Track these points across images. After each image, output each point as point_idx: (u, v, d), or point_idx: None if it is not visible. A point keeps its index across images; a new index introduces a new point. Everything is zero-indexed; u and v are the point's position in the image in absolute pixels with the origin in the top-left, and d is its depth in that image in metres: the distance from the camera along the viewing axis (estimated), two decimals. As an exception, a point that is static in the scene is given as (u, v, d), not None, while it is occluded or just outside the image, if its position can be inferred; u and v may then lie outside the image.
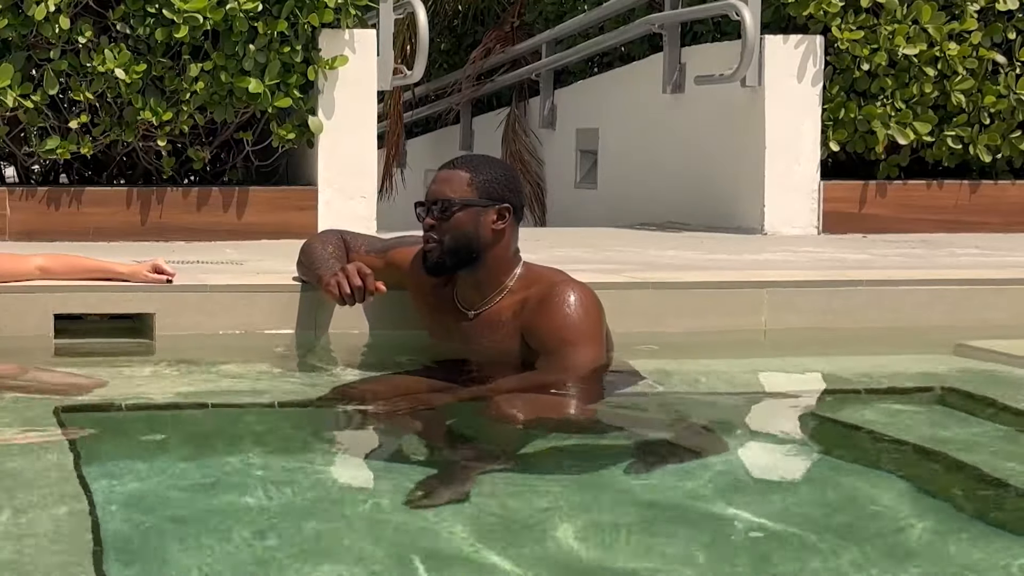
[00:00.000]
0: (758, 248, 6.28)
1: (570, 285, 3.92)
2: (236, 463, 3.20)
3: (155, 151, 6.60)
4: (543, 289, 3.92)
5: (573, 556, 2.60)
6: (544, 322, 3.87)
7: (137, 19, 6.30)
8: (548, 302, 3.88)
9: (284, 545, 2.61)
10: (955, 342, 4.60)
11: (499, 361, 3.94)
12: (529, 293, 3.94)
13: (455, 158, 4.16)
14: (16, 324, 4.40)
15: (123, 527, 2.67)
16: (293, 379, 4.20)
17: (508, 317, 3.95)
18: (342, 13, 6.46)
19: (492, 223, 3.95)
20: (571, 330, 3.84)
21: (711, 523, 2.80)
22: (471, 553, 2.59)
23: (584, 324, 3.86)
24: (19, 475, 3.00)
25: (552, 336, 3.85)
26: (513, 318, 3.93)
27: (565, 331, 3.84)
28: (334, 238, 4.41)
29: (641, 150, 8.32)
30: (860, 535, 2.73)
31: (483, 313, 4.00)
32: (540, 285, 3.94)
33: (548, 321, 3.86)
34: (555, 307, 3.86)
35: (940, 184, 7.48)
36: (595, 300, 3.93)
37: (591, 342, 3.86)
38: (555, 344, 3.84)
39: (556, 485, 3.05)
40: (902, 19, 7.17)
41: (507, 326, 3.94)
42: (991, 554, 2.61)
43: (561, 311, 3.85)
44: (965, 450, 3.38)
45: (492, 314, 3.98)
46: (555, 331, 3.85)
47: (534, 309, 3.89)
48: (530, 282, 3.97)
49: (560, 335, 3.84)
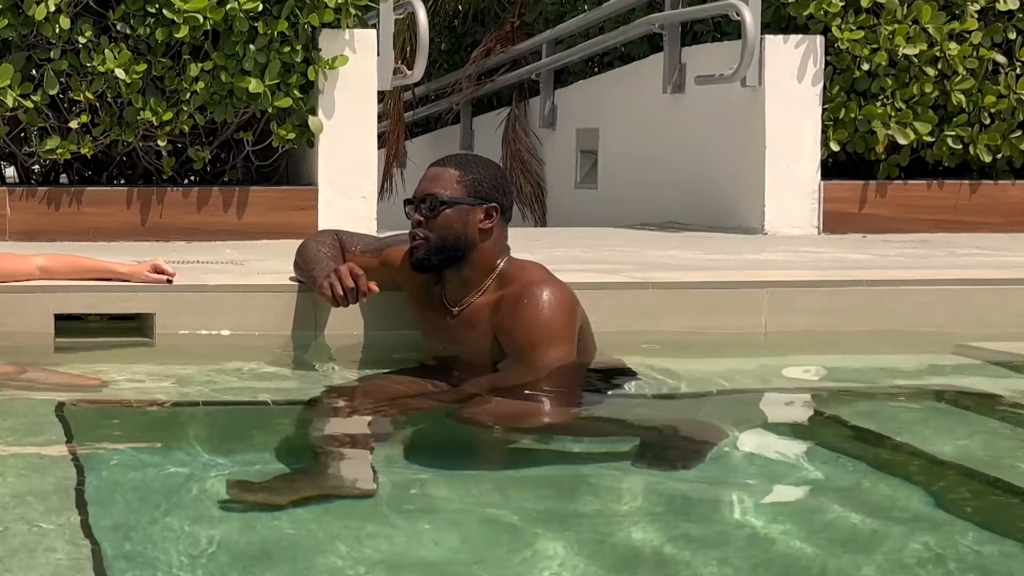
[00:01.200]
0: (758, 248, 6.27)
1: (544, 285, 3.90)
2: (236, 463, 3.21)
3: (155, 151, 6.60)
4: (517, 289, 3.91)
5: (552, 559, 2.60)
6: (513, 322, 3.87)
7: (137, 19, 6.30)
8: (520, 303, 3.87)
9: (282, 544, 2.62)
10: (955, 342, 4.60)
11: (478, 361, 3.95)
12: (505, 292, 3.94)
13: (445, 156, 4.16)
14: (16, 324, 4.40)
15: (122, 527, 2.67)
16: (293, 379, 4.20)
17: (485, 316, 3.95)
18: (342, 13, 6.46)
19: (479, 222, 3.95)
20: (538, 331, 3.84)
21: (710, 523, 2.80)
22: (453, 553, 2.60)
23: (553, 324, 3.85)
24: (17, 474, 3.01)
25: (519, 336, 3.85)
26: (489, 317, 3.94)
27: (532, 332, 3.84)
28: (329, 238, 4.41)
29: (641, 150, 8.32)
30: (859, 535, 2.73)
31: (464, 311, 4.01)
32: (516, 284, 3.93)
33: (517, 321, 3.86)
34: (525, 307, 3.86)
35: (940, 184, 7.47)
36: (569, 300, 3.91)
37: (558, 342, 3.84)
38: (522, 344, 3.85)
39: (527, 488, 3.04)
40: (902, 19, 7.17)
41: (483, 324, 3.94)
42: (991, 554, 2.61)
43: (531, 311, 3.85)
44: (965, 450, 3.39)
45: (471, 312, 3.99)
46: (522, 331, 3.85)
47: (507, 309, 3.89)
48: (508, 280, 3.96)
49: (527, 336, 3.84)
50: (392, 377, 4.05)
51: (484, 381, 3.81)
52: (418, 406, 3.71)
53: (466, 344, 3.98)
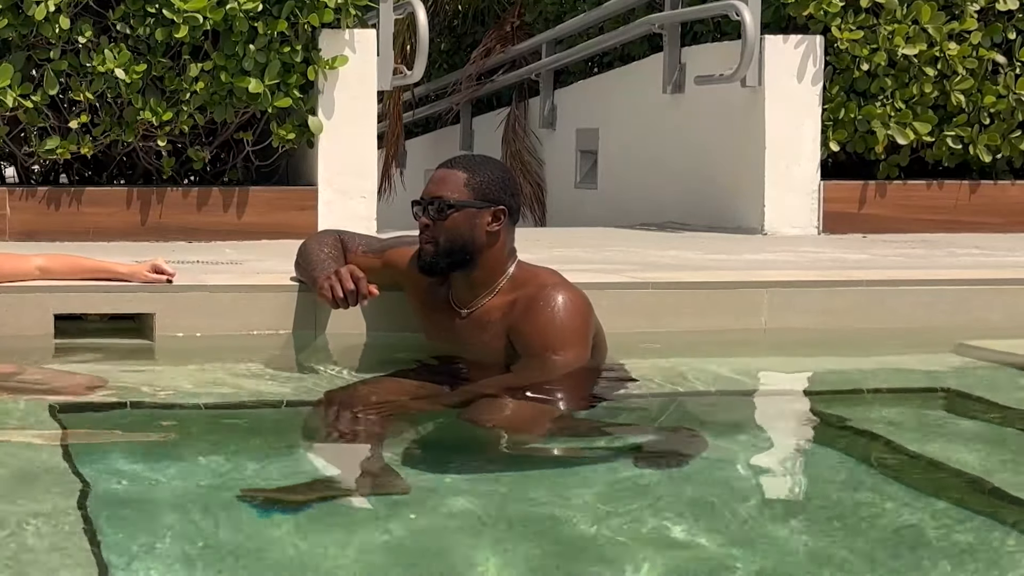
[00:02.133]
0: (758, 248, 6.28)
1: (559, 288, 3.91)
2: (235, 464, 3.20)
3: (155, 151, 6.60)
4: (531, 291, 3.91)
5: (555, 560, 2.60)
6: (528, 325, 3.87)
7: (137, 19, 6.30)
8: (535, 305, 3.87)
9: (281, 544, 2.62)
10: (955, 342, 4.60)
11: (487, 362, 3.94)
12: (519, 295, 3.94)
13: (453, 157, 4.15)
14: (16, 324, 4.40)
15: (121, 527, 2.67)
16: (292, 379, 4.20)
17: (497, 317, 3.94)
18: (342, 13, 6.46)
19: (487, 225, 3.94)
20: (554, 333, 3.84)
21: (710, 523, 2.80)
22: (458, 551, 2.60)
23: (568, 328, 3.85)
24: (16, 474, 3.01)
25: (535, 339, 3.85)
26: (502, 319, 3.93)
27: (548, 335, 3.84)
28: (331, 238, 4.40)
29: (641, 150, 8.32)
30: (859, 535, 2.73)
31: (474, 313, 4.00)
32: (530, 287, 3.93)
33: (532, 324, 3.86)
34: (541, 310, 3.86)
35: (940, 184, 7.48)
36: (584, 303, 3.92)
37: (574, 345, 3.85)
38: (537, 347, 3.85)
39: (534, 489, 3.04)
40: (902, 19, 7.18)
41: (496, 326, 3.94)
42: (991, 554, 2.62)
43: (546, 314, 3.85)
44: (965, 450, 3.39)
45: (482, 314, 3.98)
46: (538, 334, 3.85)
47: (521, 311, 3.89)
48: (521, 283, 3.97)
49: (542, 339, 3.84)
50: (393, 378, 4.05)
51: (496, 381, 3.81)
52: (421, 407, 3.70)
53: (474, 345, 3.98)
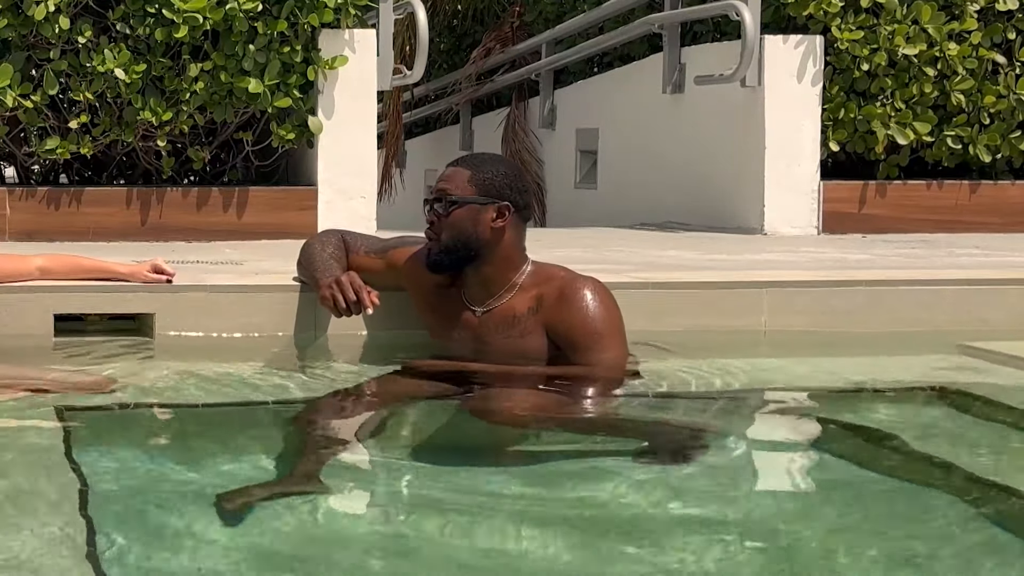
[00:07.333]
0: (758, 248, 6.28)
1: (585, 280, 3.99)
2: (235, 464, 3.21)
3: (155, 151, 6.60)
4: (560, 284, 3.97)
5: (566, 559, 2.60)
6: (568, 317, 3.92)
7: (137, 19, 6.30)
8: (570, 298, 3.94)
9: (283, 545, 2.62)
10: (955, 342, 4.60)
11: (516, 357, 3.97)
12: (543, 289, 3.98)
13: (463, 156, 4.19)
14: (16, 324, 4.40)
15: (122, 528, 2.67)
16: (292, 379, 4.19)
17: (524, 313, 3.97)
18: (342, 13, 6.46)
19: (491, 221, 3.96)
20: (598, 324, 3.92)
21: (708, 524, 2.80)
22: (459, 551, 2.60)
23: (609, 319, 3.94)
24: (17, 473, 3.01)
25: (581, 331, 3.91)
26: (530, 314, 3.96)
27: (593, 325, 3.91)
28: (334, 239, 4.41)
29: (641, 150, 8.32)
30: (860, 535, 2.73)
31: (494, 310, 4.02)
32: (555, 281, 3.99)
33: (572, 316, 3.92)
34: (578, 302, 3.93)
35: (940, 184, 7.48)
36: (611, 294, 4.00)
37: (618, 336, 3.95)
38: (586, 340, 3.91)
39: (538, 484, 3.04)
40: (902, 19, 7.18)
41: (525, 322, 3.97)
42: (991, 555, 2.62)
43: (584, 305, 3.92)
44: (965, 450, 3.39)
45: (505, 310, 4.00)
46: (581, 326, 3.91)
47: (554, 305, 3.94)
48: (542, 278, 4.01)
49: (589, 330, 3.91)
50: (397, 378, 4.05)
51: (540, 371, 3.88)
52: (432, 391, 3.73)
53: (495, 343, 4.00)
